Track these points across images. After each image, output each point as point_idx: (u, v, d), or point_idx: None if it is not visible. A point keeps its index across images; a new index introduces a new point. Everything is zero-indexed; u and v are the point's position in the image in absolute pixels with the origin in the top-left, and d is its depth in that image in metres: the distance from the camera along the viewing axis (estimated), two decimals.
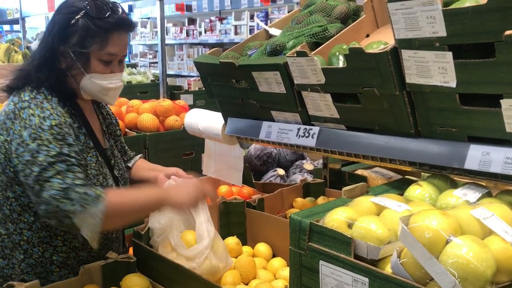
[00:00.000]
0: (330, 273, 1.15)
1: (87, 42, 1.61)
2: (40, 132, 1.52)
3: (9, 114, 1.59)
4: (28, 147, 1.51)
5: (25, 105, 1.58)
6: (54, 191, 1.47)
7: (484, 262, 0.92)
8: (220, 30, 7.81)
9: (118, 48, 1.67)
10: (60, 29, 1.62)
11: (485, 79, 1.15)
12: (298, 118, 1.70)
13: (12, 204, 1.64)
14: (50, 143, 1.52)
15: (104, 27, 1.61)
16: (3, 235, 1.66)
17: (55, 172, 1.49)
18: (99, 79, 1.67)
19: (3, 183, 1.63)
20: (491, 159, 1.19)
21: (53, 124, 1.55)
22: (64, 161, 1.52)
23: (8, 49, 4.88)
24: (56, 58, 1.64)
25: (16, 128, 1.55)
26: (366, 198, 1.25)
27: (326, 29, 1.71)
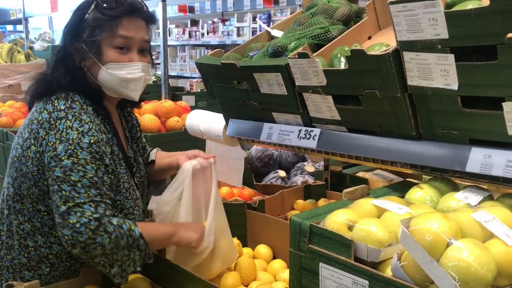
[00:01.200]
0: (330, 275, 1.15)
1: (97, 31, 1.58)
2: (77, 149, 1.46)
3: (43, 123, 1.51)
4: (61, 162, 1.45)
5: (61, 115, 1.52)
6: (86, 219, 1.42)
7: (485, 265, 0.91)
8: (222, 31, 7.81)
9: (131, 32, 1.60)
10: (72, 26, 1.61)
11: (487, 81, 1.15)
12: (299, 120, 1.70)
13: (44, 218, 1.57)
14: (87, 163, 1.47)
15: (112, 15, 1.58)
16: (30, 247, 1.60)
17: (87, 198, 1.44)
18: (116, 69, 1.59)
19: (35, 196, 1.55)
20: (493, 162, 1.19)
21: (92, 141, 1.49)
22: (98, 188, 1.48)
23: (10, 49, 4.88)
24: (70, 55, 1.61)
25: (51, 139, 1.48)
26: (366, 201, 1.25)
27: (328, 30, 1.71)
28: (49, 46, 5.06)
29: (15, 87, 4.78)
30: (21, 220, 1.61)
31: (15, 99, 4.57)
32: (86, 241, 1.41)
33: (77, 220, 1.42)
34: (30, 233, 1.60)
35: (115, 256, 1.48)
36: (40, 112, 1.55)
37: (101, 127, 1.59)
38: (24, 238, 1.61)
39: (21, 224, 1.61)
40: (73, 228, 1.41)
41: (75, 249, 1.43)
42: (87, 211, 1.43)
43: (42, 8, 5.49)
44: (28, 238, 1.61)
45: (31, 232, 1.60)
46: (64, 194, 1.44)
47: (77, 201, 1.43)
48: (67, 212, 1.43)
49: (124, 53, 1.60)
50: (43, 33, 5.60)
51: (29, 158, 1.52)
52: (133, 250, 1.52)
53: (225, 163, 2.33)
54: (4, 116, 3.41)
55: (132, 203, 1.69)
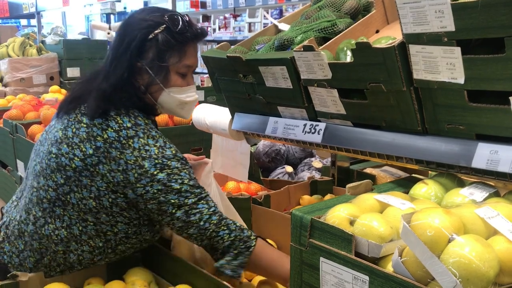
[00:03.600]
0: (330, 270, 1.13)
1: (166, 56, 1.58)
2: (166, 161, 1.52)
3: (112, 142, 1.51)
4: (156, 177, 1.50)
5: (130, 133, 1.53)
6: (206, 216, 1.53)
7: (487, 262, 0.89)
8: (234, 27, 7.80)
9: (194, 60, 1.66)
10: (137, 44, 1.57)
11: (494, 75, 1.12)
12: (304, 114, 1.69)
13: (88, 227, 1.57)
14: (180, 171, 1.53)
15: (182, 40, 1.59)
16: (59, 252, 1.60)
17: (195, 197, 1.53)
18: (177, 93, 1.64)
19: (87, 208, 1.54)
20: (499, 158, 1.16)
21: (174, 152, 1.56)
22: (199, 187, 1.57)
23: (23, 43, 4.92)
24: (134, 76, 1.60)
25: (130, 158, 1.50)
26: (369, 196, 1.23)
27: (335, 24, 1.69)
28: (61, 40, 5.08)
29: (27, 80, 4.82)
30: (58, 225, 1.58)
31: (27, 92, 4.60)
32: (211, 235, 1.54)
33: (199, 218, 1.52)
34: (64, 240, 1.58)
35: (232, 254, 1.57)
36: (103, 129, 1.53)
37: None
38: (56, 243, 1.59)
39: (57, 229, 1.58)
40: (198, 226, 1.53)
41: (203, 241, 1.57)
42: (203, 209, 1.53)
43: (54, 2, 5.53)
44: (60, 244, 1.59)
45: (66, 238, 1.58)
46: (174, 202, 1.51)
47: (190, 203, 1.52)
48: (186, 215, 1.52)
49: (184, 78, 1.66)
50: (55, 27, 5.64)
51: (97, 174, 1.51)
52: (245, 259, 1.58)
53: (231, 158, 2.32)
54: (14, 109, 3.44)
55: None
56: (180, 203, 1.51)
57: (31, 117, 3.38)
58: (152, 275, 1.72)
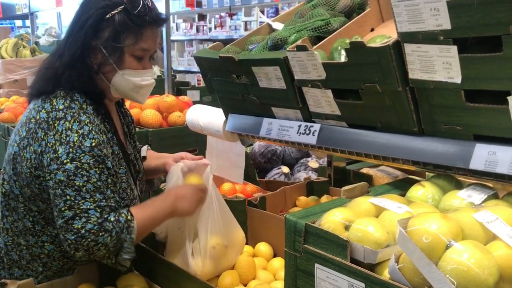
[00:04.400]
0: (325, 277, 1.10)
1: (122, 37, 1.56)
2: (79, 153, 1.45)
3: (41, 123, 1.49)
4: (64, 166, 1.44)
5: (60, 115, 1.49)
6: (91, 225, 1.43)
7: (486, 269, 0.86)
8: (230, 26, 7.77)
9: (151, 43, 1.63)
10: (93, 23, 1.54)
11: (491, 74, 1.09)
12: (299, 115, 1.65)
13: (36, 217, 1.56)
14: (90, 168, 1.46)
15: (140, 23, 1.56)
16: (22, 245, 1.59)
17: (92, 203, 1.45)
18: (132, 75, 1.61)
19: (26, 196, 1.54)
20: (498, 159, 1.13)
21: (93, 145, 1.48)
22: (102, 192, 1.48)
23: (16, 44, 4.88)
24: (87, 55, 1.57)
25: (50, 140, 1.47)
26: (365, 199, 1.20)
27: (329, 23, 1.66)
28: (55, 41, 5.04)
29: (20, 82, 4.78)
30: (15, 217, 1.60)
31: (20, 94, 4.56)
32: (89, 244, 1.43)
33: (82, 226, 1.43)
34: (22, 232, 1.59)
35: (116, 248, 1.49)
36: (38, 111, 1.52)
37: (101, 127, 1.56)
38: (17, 235, 1.60)
39: (15, 221, 1.60)
40: (78, 233, 1.42)
41: (78, 252, 1.44)
42: (92, 217, 1.44)
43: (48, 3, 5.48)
44: (21, 237, 1.60)
45: (23, 231, 1.59)
46: (68, 199, 1.43)
47: (83, 207, 1.43)
48: (72, 218, 1.43)
49: (140, 61, 1.62)
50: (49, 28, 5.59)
51: (24, 158, 1.50)
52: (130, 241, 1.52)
53: (226, 159, 2.29)
54: (6, 111, 3.40)
55: (129, 203, 1.66)
56: (73, 202, 1.43)
57: None
58: (145, 280, 1.69)
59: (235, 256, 1.84)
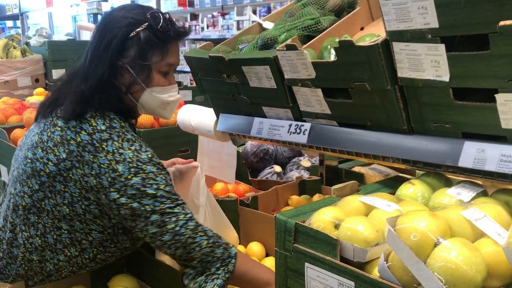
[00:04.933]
0: (315, 276, 1.10)
1: (149, 54, 1.54)
2: (141, 165, 1.45)
3: (85, 146, 1.45)
4: (130, 181, 1.43)
5: (104, 136, 1.47)
6: (183, 221, 1.46)
7: (474, 266, 0.86)
8: (222, 25, 7.75)
9: (176, 58, 1.62)
10: (118, 43, 1.51)
11: (479, 72, 1.10)
12: (289, 114, 1.65)
13: (62, 235, 1.52)
14: (156, 176, 1.46)
15: (165, 38, 1.55)
16: (34, 261, 1.55)
17: (172, 203, 1.46)
18: (160, 92, 1.59)
19: (61, 214, 1.50)
20: (486, 156, 1.14)
21: (150, 156, 1.49)
22: (175, 194, 1.49)
23: (6, 45, 4.83)
24: (114, 76, 1.54)
25: (103, 162, 1.44)
26: (355, 198, 1.20)
27: (319, 22, 1.66)
28: (45, 42, 4.99)
29: (11, 83, 4.74)
30: (32, 233, 1.53)
31: (11, 95, 4.53)
32: (187, 240, 1.45)
33: (174, 224, 1.45)
34: (38, 248, 1.54)
35: (209, 266, 1.49)
36: (76, 132, 1.48)
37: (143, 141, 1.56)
38: (30, 252, 1.55)
39: (30, 237, 1.54)
40: (173, 232, 1.45)
41: (178, 250, 1.46)
42: (179, 214, 1.46)
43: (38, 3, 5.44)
44: (35, 253, 1.54)
45: (40, 247, 1.54)
46: (149, 206, 1.44)
47: (165, 208, 1.45)
48: (162, 220, 1.44)
49: (166, 77, 1.61)
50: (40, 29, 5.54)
51: (70, 179, 1.46)
52: (224, 268, 1.49)
53: (218, 159, 2.29)
54: None
55: None
56: (155, 208, 1.44)
57: (13, 121, 3.32)
58: (137, 281, 1.69)
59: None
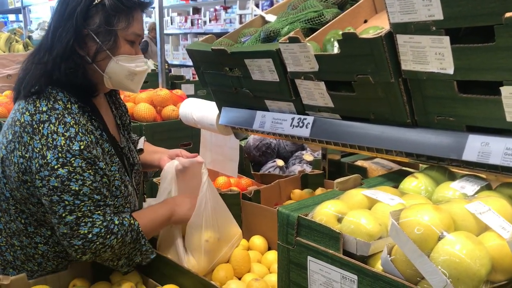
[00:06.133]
0: (318, 269, 1.10)
1: (114, 21, 1.50)
2: (70, 157, 1.39)
3: (25, 126, 1.43)
4: (56, 172, 1.38)
5: (44, 117, 1.43)
6: (97, 229, 1.42)
7: (478, 260, 0.86)
8: (225, 19, 7.75)
9: (141, 28, 1.58)
10: (83, 10, 1.46)
11: (484, 65, 1.09)
12: (292, 108, 1.64)
13: (28, 218, 1.53)
14: (83, 171, 1.41)
15: (130, 5, 1.52)
16: (16, 246, 1.56)
17: (92, 205, 1.42)
18: (127, 61, 1.54)
19: (17, 198, 1.50)
20: (491, 150, 1.13)
21: (82, 147, 1.42)
22: (100, 193, 1.45)
23: (8, 39, 4.83)
24: (79, 44, 1.49)
25: (36, 145, 1.40)
26: (358, 191, 1.19)
27: (322, 14, 1.64)
28: None
29: (13, 77, 4.73)
30: (7, 219, 1.57)
31: None
32: (97, 247, 1.43)
33: (88, 230, 1.42)
34: (15, 233, 1.56)
35: (123, 251, 1.51)
36: (22, 113, 1.46)
37: (88, 126, 1.50)
38: (11, 236, 1.57)
39: (7, 222, 1.57)
40: (85, 238, 1.42)
41: (85, 255, 1.44)
42: (97, 221, 1.43)
43: None
44: (14, 237, 1.57)
45: (16, 232, 1.56)
46: (68, 204, 1.40)
47: (84, 210, 1.42)
48: (76, 223, 1.41)
49: (132, 47, 1.57)
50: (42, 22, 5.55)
51: (12, 162, 1.46)
52: (139, 242, 1.55)
53: (220, 153, 2.28)
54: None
55: (123, 201, 1.61)
56: (73, 207, 1.40)
57: None
58: (139, 275, 1.68)
59: (229, 250, 1.83)
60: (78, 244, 1.42)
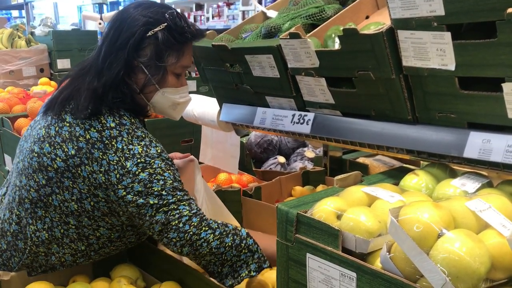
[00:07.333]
0: (317, 266, 1.09)
1: (165, 56, 1.51)
2: (149, 161, 1.43)
3: (94, 143, 1.44)
4: (137, 177, 1.41)
5: (114, 133, 1.45)
6: (186, 217, 1.42)
7: (477, 258, 0.85)
8: (227, 15, 7.71)
9: (190, 60, 1.60)
10: (136, 41, 1.48)
11: (486, 61, 1.07)
12: (293, 104, 1.64)
13: (69, 230, 1.51)
14: (163, 171, 1.44)
15: (182, 40, 1.53)
16: (40, 253, 1.55)
17: (177, 201, 1.43)
18: (172, 93, 1.57)
19: (69, 210, 1.48)
20: (492, 147, 1.12)
21: (159, 151, 1.46)
22: (182, 189, 1.46)
23: (11, 35, 4.83)
24: (128, 75, 1.51)
25: (112, 158, 1.42)
26: (357, 188, 1.18)
27: (323, 10, 1.64)
28: (50, 31, 4.99)
29: (16, 73, 4.75)
30: (39, 227, 1.52)
31: (16, 85, 4.53)
32: (192, 238, 1.42)
33: (178, 220, 1.42)
34: (45, 241, 1.53)
35: (224, 256, 1.46)
36: (86, 129, 1.46)
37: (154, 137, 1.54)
38: (37, 245, 1.54)
39: (37, 231, 1.53)
40: (178, 229, 1.42)
41: (184, 248, 1.44)
42: (183, 211, 1.43)
43: None
44: (41, 246, 1.54)
45: (47, 240, 1.53)
46: (154, 204, 1.42)
47: (170, 206, 1.42)
48: (166, 218, 1.42)
49: (179, 79, 1.59)
50: (45, 18, 5.53)
51: (78, 176, 1.44)
52: (243, 251, 1.48)
53: (221, 149, 2.28)
54: (0, 102, 3.37)
55: None
56: (159, 205, 1.42)
57: (17, 110, 3.31)
58: (139, 271, 1.69)
59: None
60: (174, 236, 1.42)
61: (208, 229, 1.45)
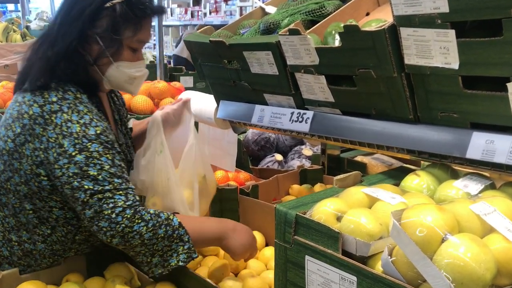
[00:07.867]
0: (316, 269, 1.07)
1: (122, 29, 1.48)
2: (86, 143, 1.39)
3: (36, 118, 1.41)
4: (74, 158, 1.38)
5: (55, 107, 1.41)
6: (120, 208, 1.37)
7: (483, 264, 0.82)
8: (225, 11, 7.69)
9: (148, 35, 1.57)
10: (92, 11, 1.45)
11: (490, 60, 1.05)
12: (292, 102, 1.61)
13: (29, 216, 1.50)
14: (101, 155, 1.40)
15: (141, 14, 1.50)
16: (13, 241, 1.53)
17: (113, 188, 1.39)
18: (127, 67, 1.54)
19: (22, 194, 1.47)
20: (495, 148, 1.10)
21: (98, 132, 1.42)
22: (120, 176, 1.42)
23: (6, 28, 4.79)
24: (83, 45, 1.48)
25: (51, 135, 1.40)
26: (358, 189, 1.16)
27: (323, 6, 1.61)
28: (46, 25, 4.95)
29: (11, 67, 4.69)
30: (6, 213, 1.53)
31: (11, 79, 4.47)
32: (124, 230, 1.38)
33: (111, 210, 1.37)
34: (14, 228, 1.52)
35: (156, 247, 1.43)
36: (30, 105, 1.44)
37: (100, 114, 1.51)
38: (9, 231, 1.53)
39: (6, 217, 1.53)
40: (110, 219, 1.37)
41: (114, 238, 1.39)
42: (118, 201, 1.39)
43: None
44: (12, 232, 1.53)
45: (16, 226, 1.52)
46: (88, 189, 1.38)
47: (105, 193, 1.38)
48: (99, 205, 1.37)
49: (135, 53, 1.56)
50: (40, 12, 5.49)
51: (23, 155, 1.43)
52: (175, 241, 1.45)
53: (218, 147, 2.25)
54: None
55: None
56: (94, 192, 1.37)
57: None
58: (133, 271, 1.66)
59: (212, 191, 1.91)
60: (105, 226, 1.38)
61: (141, 221, 1.39)
